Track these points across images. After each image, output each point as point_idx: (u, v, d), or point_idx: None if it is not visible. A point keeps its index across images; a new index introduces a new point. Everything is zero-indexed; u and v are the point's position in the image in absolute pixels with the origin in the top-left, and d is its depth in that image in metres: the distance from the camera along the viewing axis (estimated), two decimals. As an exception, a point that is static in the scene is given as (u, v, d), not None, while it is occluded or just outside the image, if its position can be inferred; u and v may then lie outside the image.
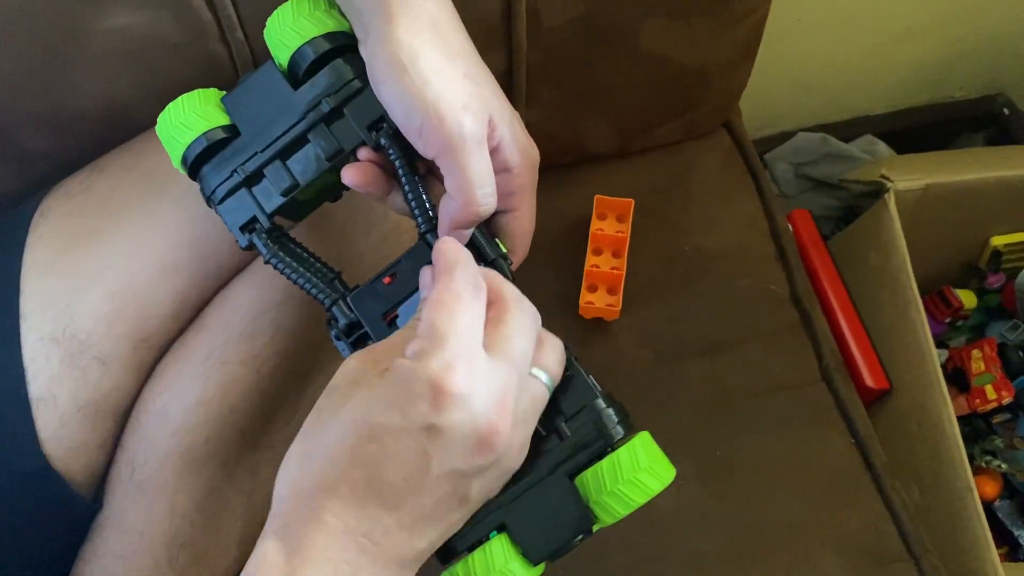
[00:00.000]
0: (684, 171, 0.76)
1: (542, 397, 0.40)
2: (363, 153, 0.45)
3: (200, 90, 0.48)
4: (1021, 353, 0.97)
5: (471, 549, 0.40)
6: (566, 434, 0.40)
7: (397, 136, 0.44)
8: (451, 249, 0.40)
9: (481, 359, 0.37)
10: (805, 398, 0.66)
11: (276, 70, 0.46)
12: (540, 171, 0.48)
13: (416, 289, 0.44)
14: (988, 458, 0.95)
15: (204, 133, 0.46)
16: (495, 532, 0.40)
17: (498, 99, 0.44)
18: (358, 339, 0.45)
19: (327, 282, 0.47)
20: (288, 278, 0.46)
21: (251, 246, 0.47)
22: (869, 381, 0.83)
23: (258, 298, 0.54)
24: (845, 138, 1.18)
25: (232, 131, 0.47)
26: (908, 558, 0.60)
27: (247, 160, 0.46)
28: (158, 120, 0.48)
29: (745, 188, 0.76)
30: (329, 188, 0.49)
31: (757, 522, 0.62)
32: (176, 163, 0.48)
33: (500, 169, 0.44)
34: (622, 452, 0.39)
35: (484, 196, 0.42)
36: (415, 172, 0.45)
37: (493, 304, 0.39)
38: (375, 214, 0.57)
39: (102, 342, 0.53)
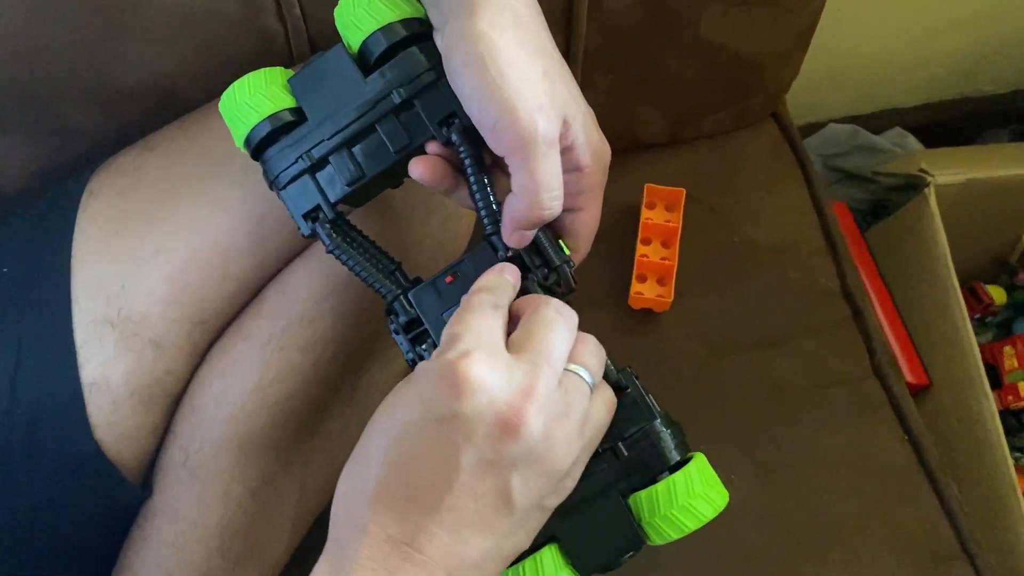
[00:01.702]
0: (733, 161, 0.74)
1: (582, 392, 0.38)
2: (432, 147, 0.44)
3: (266, 69, 0.47)
4: (1053, 350, 0.97)
5: (522, 558, 0.40)
6: (623, 453, 0.40)
7: (468, 132, 0.43)
8: (486, 277, 0.41)
9: (501, 353, 0.37)
10: (857, 394, 0.66)
11: (346, 54, 0.45)
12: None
13: None
14: (1017, 455, 0.94)
15: (270, 116, 0.45)
16: (547, 543, 0.41)
17: (574, 99, 0.43)
18: (417, 335, 0.44)
19: (388, 274, 0.46)
20: (350, 269, 0.45)
21: (314, 235, 0.46)
22: (909, 377, 0.82)
23: (318, 284, 0.53)
24: (873, 130, 1.17)
25: (298, 114, 0.45)
26: (964, 557, 0.59)
27: (313, 147, 0.45)
28: (222, 98, 0.47)
29: (794, 179, 0.75)
30: (393, 176, 0.47)
31: (811, 518, 0.61)
32: (239, 143, 0.47)
33: (571, 168, 0.43)
34: (678, 477, 0.39)
35: (550, 200, 0.41)
36: (483, 170, 0.44)
37: (521, 315, 0.40)
38: (435, 199, 0.56)
39: (157, 325, 0.51)
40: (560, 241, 0.45)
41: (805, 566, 0.59)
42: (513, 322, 0.40)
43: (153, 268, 0.51)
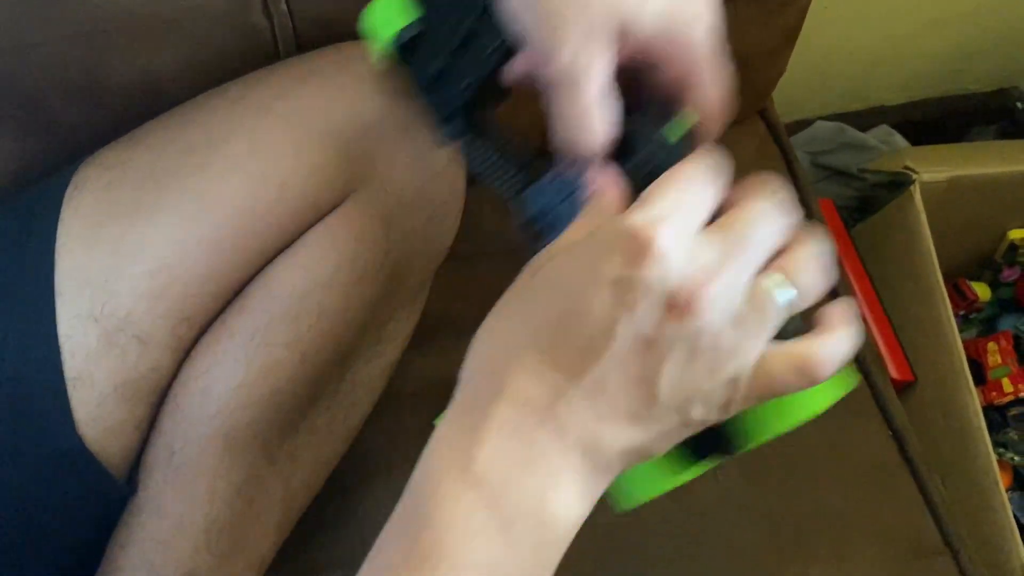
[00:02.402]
0: (720, 158, 0.75)
1: (774, 308, 0.33)
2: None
3: None
4: (1037, 347, 0.98)
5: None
6: None
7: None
8: (704, 156, 0.36)
9: (693, 228, 0.33)
10: (842, 389, 0.66)
11: None
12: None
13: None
14: (1001, 450, 0.95)
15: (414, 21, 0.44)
16: None
17: None
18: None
19: (520, 166, 0.43)
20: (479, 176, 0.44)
21: (455, 134, 0.44)
22: (894, 373, 0.83)
23: (302, 279, 0.53)
24: (860, 127, 1.17)
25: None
26: (946, 551, 0.60)
27: (447, 40, 0.43)
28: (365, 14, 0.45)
29: (780, 176, 0.75)
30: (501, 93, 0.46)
31: (796, 512, 0.62)
32: (383, 50, 0.45)
33: (656, 62, 0.40)
34: None
35: (587, 138, 0.38)
36: None
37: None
38: (422, 197, 0.56)
39: (142, 320, 0.51)
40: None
41: (790, 561, 0.60)
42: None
43: (137, 263, 0.51)
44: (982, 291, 1.05)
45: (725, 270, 0.32)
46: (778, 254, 0.35)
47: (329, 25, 0.59)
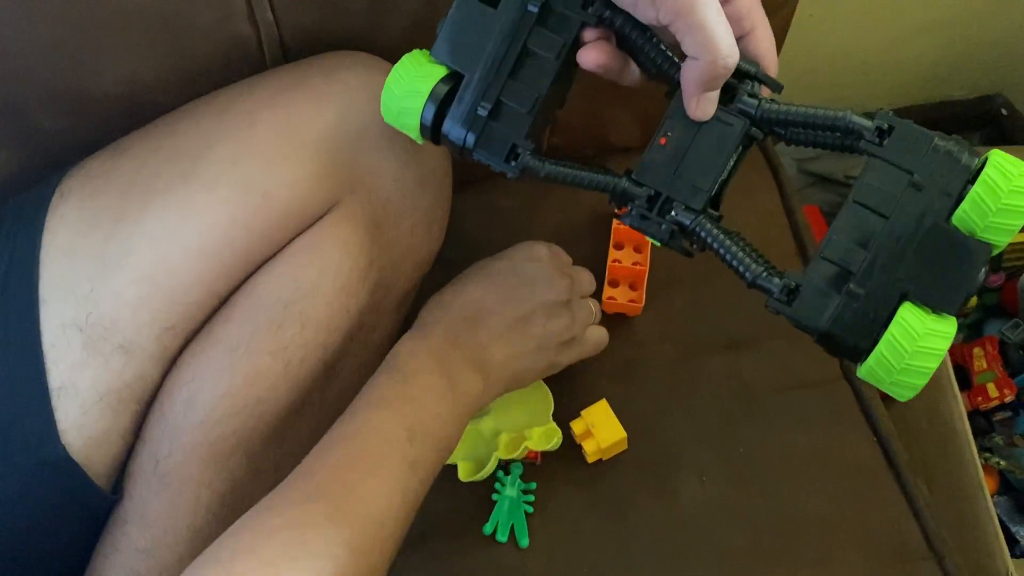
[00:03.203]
0: (705, 165, 0.75)
1: (591, 314, 0.64)
2: (589, 34, 0.45)
3: (406, 56, 0.47)
4: (1022, 352, 0.98)
5: (882, 334, 0.40)
6: (922, 185, 0.40)
7: (611, 3, 0.43)
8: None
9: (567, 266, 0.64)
10: (827, 395, 0.66)
11: (469, 1, 0.45)
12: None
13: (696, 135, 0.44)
14: (987, 455, 0.96)
15: (431, 92, 0.45)
16: (899, 305, 0.40)
17: None
18: (662, 207, 0.45)
19: (602, 172, 0.46)
20: (571, 183, 0.46)
21: (524, 172, 0.46)
22: (879, 378, 0.83)
23: (287, 288, 0.53)
24: (847, 134, 1.18)
25: (454, 79, 0.46)
26: (931, 556, 0.60)
27: (483, 95, 0.45)
28: (382, 104, 0.47)
29: (764, 183, 0.76)
30: (561, 92, 0.48)
31: (781, 518, 0.62)
32: (415, 135, 0.47)
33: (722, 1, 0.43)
34: (989, 171, 0.39)
35: (728, 48, 0.41)
36: (646, 28, 0.44)
37: None
38: (402, 205, 0.56)
39: (126, 329, 0.51)
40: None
41: (775, 565, 0.60)
42: None
43: (122, 271, 0.51)
44: (968, 296, 1.05)
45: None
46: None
47: (315, 34, 0.59)
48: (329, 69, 0.56)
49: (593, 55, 0.44)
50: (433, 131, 0.47)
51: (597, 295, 0.69)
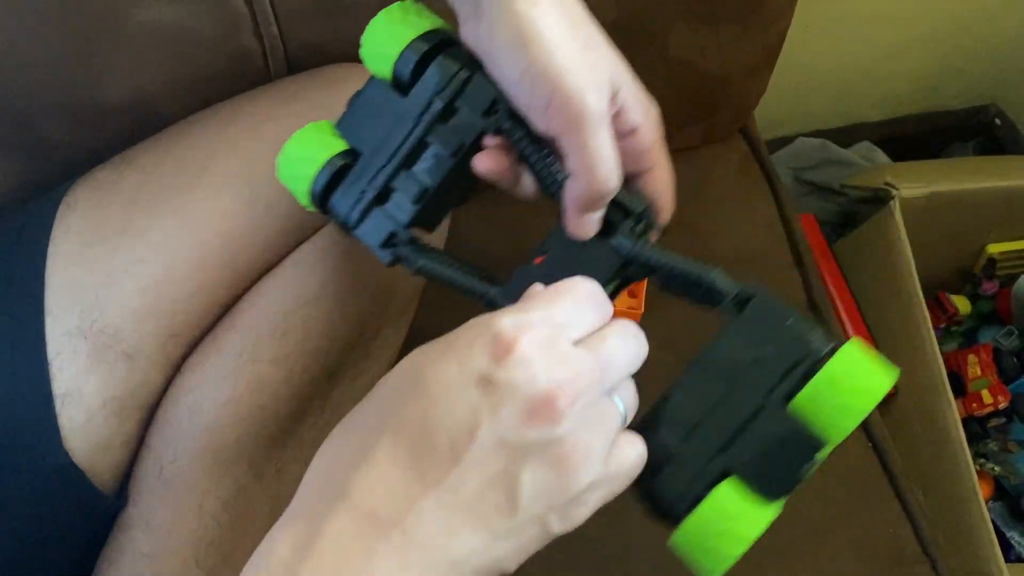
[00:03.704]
0: (702, 175, 0.76)
1: (614, 421, 0.35)
2: (489, 141, 0.45)
3: (312, 123, 0.48)
4: (1015, 359, 0.99)
5: (696, 505, 0.38)
6: (767, 362, 0.38)
7: (514, 115, 0.43)
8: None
9: (565, 341, 0.33)
10: (822, 402, 0.67)
11: (381, 84, 0.46)
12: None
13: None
14: (981, 461, 0.97)
15: (326, 163, 0.46)
16: (720, 480, 0.38)
17: (615, 63, 0.42)
18: None
19: (480, 277, 0.45)
20: (443, 282, 0.45)
21: (396, 260, 0.46)
22: (874, 385, 0.84)
23: (289, 296, 0.54)
24: (840, 144, 1.19)
25: (352, 155, 0.46)
26: (926, 561, 0.61)
27: (373, 177, 0.45)
28: (278, 163, 0.48)
29: (761, 193, 0.77)
30: (458, 190, 0.48)
31: (776, 524, 0.62)
32: (304, 201, 0.47)
33: (626, 132, 0.43)
34: (834, 363, 0.36)
35: (610, 172, 0.40)
36: (542, 145, 0.43)
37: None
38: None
39: (130, 337, 0.52)
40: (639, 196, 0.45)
41: (770, 571, 0.61)
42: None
43: (127, 280, 0.52)
44: (962, 304, 1.06)
45: (587, 381, 0.33)
46: None
47: (319, 47, 0.60)
48: (331, 81, 0.57)
49: (486, 162, 0.44)
50: (321, 200, 0.47)
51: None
